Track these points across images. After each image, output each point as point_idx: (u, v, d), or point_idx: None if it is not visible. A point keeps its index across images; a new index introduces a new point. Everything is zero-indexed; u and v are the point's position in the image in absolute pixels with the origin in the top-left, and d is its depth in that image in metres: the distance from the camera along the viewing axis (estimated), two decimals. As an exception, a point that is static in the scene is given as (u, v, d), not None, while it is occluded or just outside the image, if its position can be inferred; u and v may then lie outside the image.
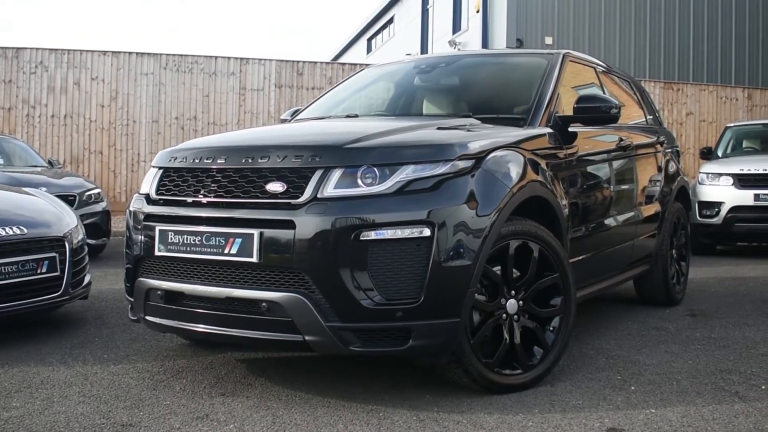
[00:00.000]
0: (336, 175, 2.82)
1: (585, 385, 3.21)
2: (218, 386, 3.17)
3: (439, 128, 3.35)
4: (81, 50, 13.16)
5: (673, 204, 5.26)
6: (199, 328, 3.02)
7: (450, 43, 20.85)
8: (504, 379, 3.06)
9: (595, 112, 3.79)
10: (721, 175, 8.73)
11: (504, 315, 3.08)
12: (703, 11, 19.44)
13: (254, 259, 2.81)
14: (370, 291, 2.73)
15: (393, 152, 2.91)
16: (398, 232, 2.74)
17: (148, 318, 3.20)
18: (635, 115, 5.31)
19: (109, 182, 13.12)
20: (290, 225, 2.77)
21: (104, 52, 13.27)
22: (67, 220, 4.44)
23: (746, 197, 8.46)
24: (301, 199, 2.80)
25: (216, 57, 13.74)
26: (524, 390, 3.09)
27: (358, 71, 5.04)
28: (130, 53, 13.39)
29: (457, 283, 2.82)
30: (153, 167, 3.37)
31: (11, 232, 3.96)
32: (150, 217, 3.18)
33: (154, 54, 13.50)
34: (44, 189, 6.05)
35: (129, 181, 13.24)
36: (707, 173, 8.89)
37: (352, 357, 3.31)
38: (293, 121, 4.47)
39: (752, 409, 2.90)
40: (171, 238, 3.03)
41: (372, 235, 2.73)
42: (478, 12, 19.28)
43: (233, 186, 2.96)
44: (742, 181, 8.56)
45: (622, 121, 4.49)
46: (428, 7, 23.89)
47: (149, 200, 3.24)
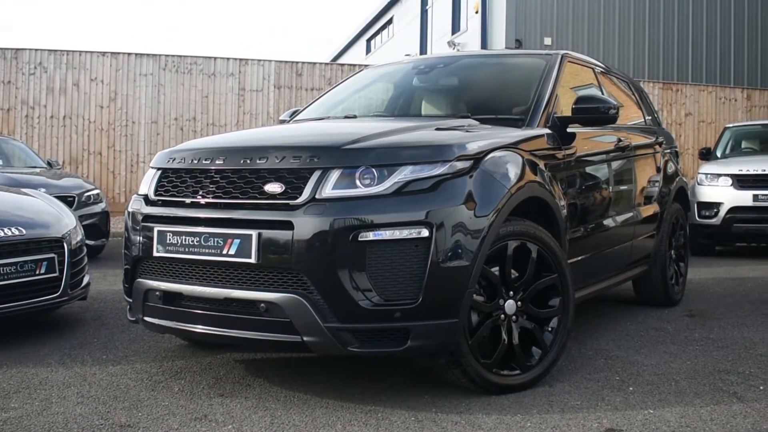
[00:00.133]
0: (334, 175, 2.82)
1: (583, 385, 3.22)
2: (217, 387, 3.17)
3: (438, 129, 3.35)
4: (80, 51, 13.16)
5: (671, 204, 5.27)
6: (197, 328, 3.02)
7: (449, 43, 20.85)
8: (502, 380, 3.06)
9: (594, 113, 3.79)
10: (720, 175, 8.74)
11: (502, 315, 3.08)
12: (702, 12, 19.45)
13: (252, 260, 2.81)
14: (368, 292, 2.73)
15: (391, 153, 2.91)
16: (396, 233, 2.74)
17: (147, 319, 3.20)
18: (634, 115, 5.31)
19: (108, 183, 13.12)
20: (289, 226, 2.77)
21: (103, 53, 13.27)
22: (65, 221, 4.44)
23: (745, 198, 8.46)
24: (299, 200, 2.80)
25: (215, 58, 13.74)
26: (522, 390, 3.09)
27: (357, 72, 5.05)
28: (129, 54, 13.39)
29: (456, 284, 2.82)
30: (151, 168, 3.37)
31: (10, 233, 3.96)
32: (148, 218, 3.18)
33: (153, 55, 13.50)
34: (43, 190, 6.05)
35: (128, 182, 13.23)
36: (706, 174, 8.89)
37: (351, 358, 3.31)
38: (292, 121, 4.48)
39: (750, 410, 2.90)
40: (169, 239, 3.03)
41: (370, 235, 2.73)
42: (477, 13, 19.28)
43: (232, 187, 2.96)
44: (741, 181, 8.57)
45: (620, 122, 4.49)
46: (427, 7, 23.90)
47: (148, 201, 3.24)
